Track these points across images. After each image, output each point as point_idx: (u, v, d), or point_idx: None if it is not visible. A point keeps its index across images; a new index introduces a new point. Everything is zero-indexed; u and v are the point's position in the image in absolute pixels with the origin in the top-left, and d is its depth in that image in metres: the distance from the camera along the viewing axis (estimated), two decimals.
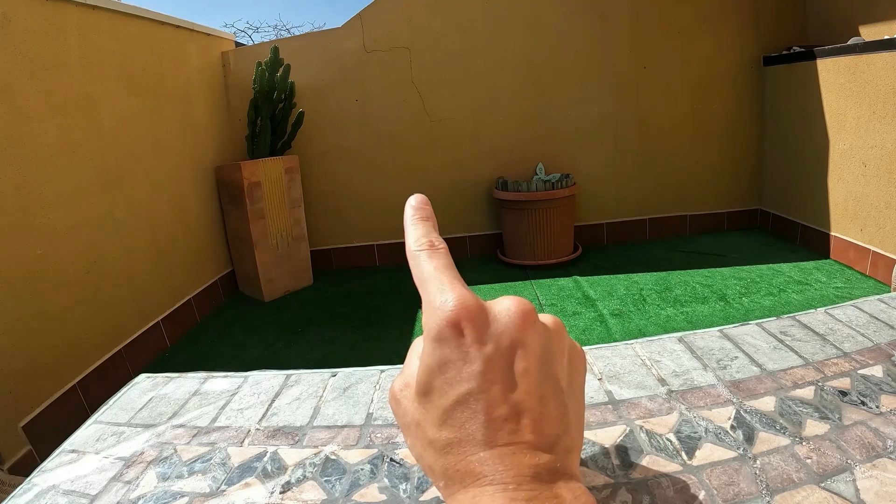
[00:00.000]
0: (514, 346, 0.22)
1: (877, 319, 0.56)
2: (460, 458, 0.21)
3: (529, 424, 0.21)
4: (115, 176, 2.21)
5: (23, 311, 1.71)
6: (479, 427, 0.21)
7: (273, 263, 2.93)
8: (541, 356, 0.23)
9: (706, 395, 0.46)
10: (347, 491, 0.38)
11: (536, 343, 0.23)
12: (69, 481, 0.42)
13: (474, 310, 0.23)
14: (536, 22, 3.15)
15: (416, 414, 0.24)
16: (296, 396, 0.52)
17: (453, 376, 0.22)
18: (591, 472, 0.38)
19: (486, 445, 0.20)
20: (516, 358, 0.22)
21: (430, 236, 0.27)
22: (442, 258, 0.26)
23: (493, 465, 0.20)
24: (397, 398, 0.25)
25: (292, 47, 3.08)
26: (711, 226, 3.51)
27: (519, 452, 0.20)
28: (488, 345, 0.22)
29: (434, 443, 0.22)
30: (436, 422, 0.22)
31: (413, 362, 0.26)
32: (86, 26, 2.08)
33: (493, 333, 0.23)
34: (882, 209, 2.43)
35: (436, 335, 0.23)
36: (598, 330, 2.27)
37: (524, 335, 0.23)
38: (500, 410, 0.21)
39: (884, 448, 0.37)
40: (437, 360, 0.23)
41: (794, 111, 3.02)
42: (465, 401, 0.21)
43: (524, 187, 2.98)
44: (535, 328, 0.23)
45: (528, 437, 0.21)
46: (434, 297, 0.24)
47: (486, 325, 0.23)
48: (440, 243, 0.26)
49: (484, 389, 0.21)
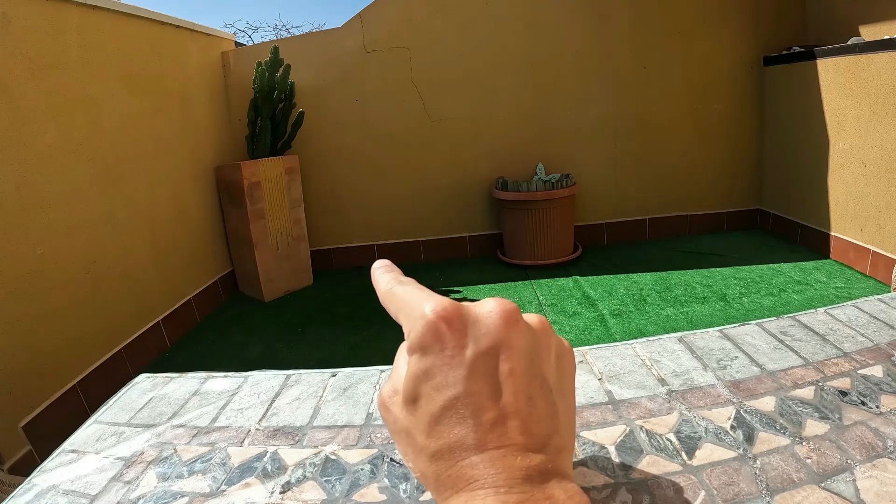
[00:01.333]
0: (498, 347, 0.22)
1: (877, 319, 0.56)
2: (451, 464, 0.21)
3: (518, 426, 0.21)
4: (115, 176, 2.21)
5: (23, 311, 1.71)
6: (468, 431, 0.21)
7: (273, 263, 2.93)
8: (526, 356, 0.23)
9: (706, 395, 0.46)
10: (347, 491, 0.38)
11: (520, 343, 0.23)
12: (69, 481, 0.42)
13: (453, 313, 0.23)
14: (536, 22, 3.15)
15: (406, 421, 0.24)
16: (296, 396, 0.52)
17: (439, 382, 0.22)
18: (591, 472, 0.38)
19: (477, 449, 0.20)
20: (501, 360, 0.22)
21: (398, 278, 0.28)
22: (413, 283, 0.27)
23: (484, 469, 0.20)
24: (386, 405, 0.25)
25: (292, 47, 3.08)
26: (711, 226, 3.51)
27: (509, 455, 0.20)
28: (471, 348, 0.22)
29: (425, 449, 0.22)
30: (425, 428, 0.22)
31: (400, 368, 0.26)
32: (86, 26, 2.08)
33: (475, 336, 0.23)
34: (882, 209, 2.43)
35: (419, 343, 0.23)
36: (598, 330, 2.27)
37: (507, 336, 0.23)
38: (487, 414, 0.21)
39: (884, 448, 0.37)
40: (422, 367, 0.23)
41: (794, 111, 3.02)
42: (453, 406, 0.21)
43: (524, 187, 2.98)
44: (518, 328, 0.23)
45: (517, 438, 0.21)
46: (413, 309, 0.24)
47: (466, 329, 0.23)
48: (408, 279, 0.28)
49: (470, 393, 0.21)
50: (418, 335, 0.23)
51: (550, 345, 0.26)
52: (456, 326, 0.23)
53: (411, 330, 0.24)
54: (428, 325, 0.23)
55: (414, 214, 3.37)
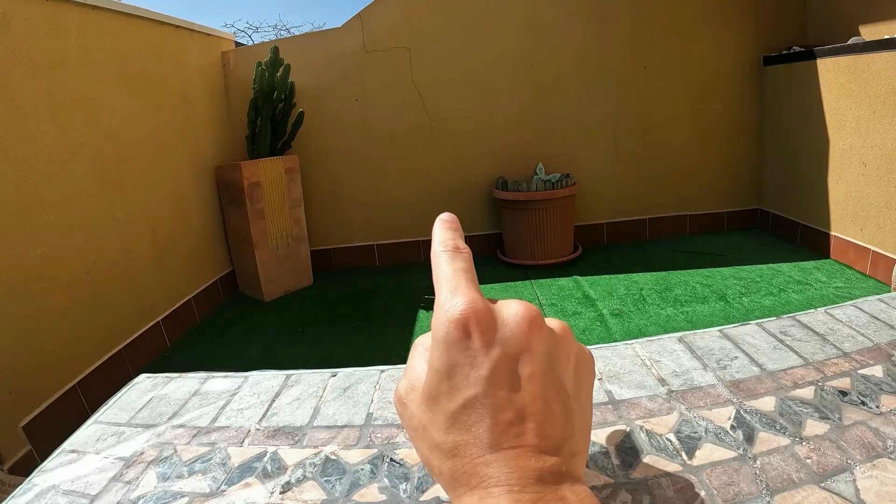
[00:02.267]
0: (521, 351, 0.23)
1: (877, 319, 0.56)
2: (467, 461, 0.21)
3: (534, 428, 0.21)
4: (115, 176, 2.21)
5: (23, 311, 1.71)
6: (485, 431, 0.21)
7: (273, 263, 2.93)
8: (546, 361, 0.23)
9: (706, 395, 0.46)
10: (347, 491, 0.38)
11: (542, 348, 0.23)
12: (69, 481, 0.42)
13: (482, 313, 0.23)
14: (536, 22, 3.15)
15: (423, 417, 0.24)
16: (296, 396, 0.52)
17: (460, 380, 0.22)
18: (591, 472, 0.38)
19: (492, 449, 0.21)
20: (522, 363, 0.23)
21: (455, 240, 0.27)
22: (463, 262, 0.26)
23: (498, 468, 0.20)
24: (403, 401, 0.26)
25: (292, 47, 3.08)
26: (711, 226, 3.51)
27: (524, 455, 0.20)
28: (495, 349, 0.23)
29: (441, 446, 0.22)
30: (443, 425, 0.22)
31: (416, 365, 0.26)
32: (86, 26, 2.08)
33: (500, 338, 0.23)
34: (882, 209, 2.43)
35: (444, 337, 0.23)
36: (598, 330, 2.27)
37: (531, 340, 0.23)
38: (505, 414, 0.21)
39: (884, 448, 0.37)
40: (445, 364, 0.23)
41: (794, 111, 3.02)
42: (472, 405, 0.22)
43: (524, 187, 2.99)
44: (541, 333, 0.24)
45: (532, 440, 0.21)
46: (445, 298, 0.24)
47: (493, 330, 0.23)
48: (464, 248, 0.27)
49: (490, 394, 0.22)
50: (446, 329, 0.23)
51: (571, 351, 0.26)
52: (484, 327, 0.23)
53: (438, 319, 0.24)
54: (457, 321, 0.23)
55: (414, 214, 3.37)
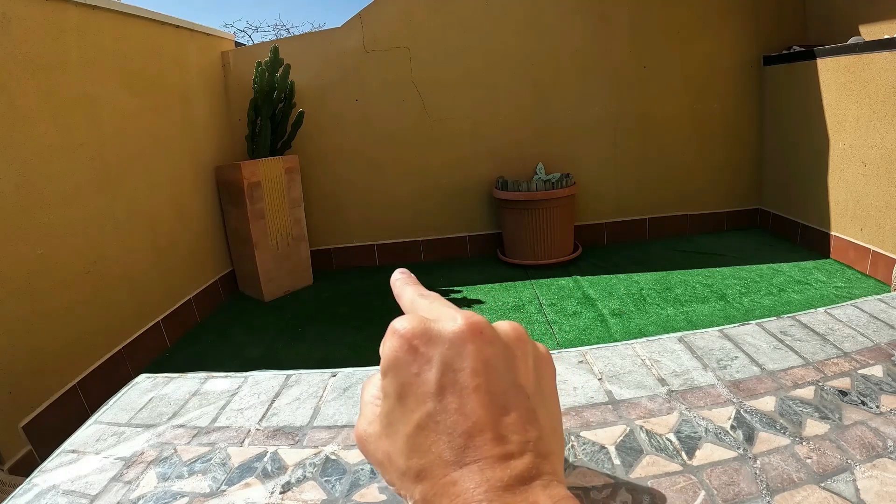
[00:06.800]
0: (464, 360, 0.23)
1: (877, 319, 0.56)
2: (434, 482, 0.21)
3: (492, 438, 0.21)
4: (115, 176, 2.21)
5: (23, 311, 1.71)
6: (444, 448, 0.21)
7: (273, 263, 2.93)
8: (495, 367, 0.23)
9: (706, 395, 0.46)
10: (347, 491, 0.38)
11: (487, 354, 0.23)
12: (69, 481, 0.42)
13: (416, 331, 0.23)
14: (536, 21, 3.15)
15: (385, 447, 0.24)
16: (296, 396, 0.52)
17: (412, 402, 0.22)
18: (591, 472, 0.38)
19: (456, 465, 0.21)
20: (467, 372, 0.22)
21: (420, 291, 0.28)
22: (435, 298, 0.27)
23: (464, 485, 0.20)
24: (363, 439, 0.26)
25: (292, 47, 3.08)
26: (711, 225, 3.51)
27: (487, 468, 0.20)
28: (437, 363, 0.22)
29: (407, 472, 0.22)
30: (403, 451, 0.22)
31: (369, 401, 0.26)
32: (86, 26, 2.08)
33: (441, 351, 0.23)
34: (882, 209, 2.43)
35: (392, 359, 0.23)
36: (598, 330, 2.27)
37: (473, 349, 0.23)
38: (460, 428, 0.21)
39: (884, 448, 0.37)
40: (395, 388, 0.23)
41: (794, 111, 3.02)
42: (426, 424, 0.22)
43: (524, 187, 2.98)
44: (484, 339, 0.23)
45: (493, 450, 0.21)
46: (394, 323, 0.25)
47: (432, 345, 0.23)
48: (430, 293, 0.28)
49: (441, 409, 0.22)
50: (393, 352, 0.23)
51: (526, 351, 0.25)
52: (423, 345, 0.23)
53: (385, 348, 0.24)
54: (400, 341, 0.23)
55: (414, 214, 3.37)
